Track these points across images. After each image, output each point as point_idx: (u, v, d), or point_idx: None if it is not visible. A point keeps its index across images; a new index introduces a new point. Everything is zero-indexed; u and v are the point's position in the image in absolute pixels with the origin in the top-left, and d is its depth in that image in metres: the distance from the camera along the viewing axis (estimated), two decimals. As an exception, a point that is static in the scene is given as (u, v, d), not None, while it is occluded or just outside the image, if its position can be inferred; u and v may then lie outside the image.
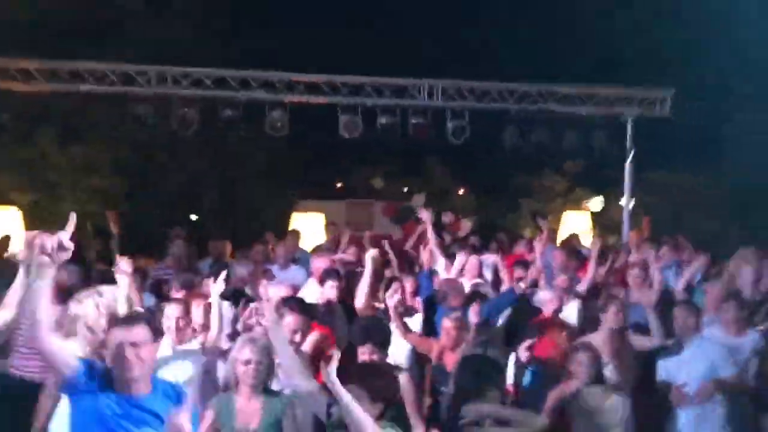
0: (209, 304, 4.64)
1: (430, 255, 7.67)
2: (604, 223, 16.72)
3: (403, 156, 19.50)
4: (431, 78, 10.52)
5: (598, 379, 4.39)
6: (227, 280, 4.99)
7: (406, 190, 19.47)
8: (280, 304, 4.56)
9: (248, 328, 4.72)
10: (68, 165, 13.93)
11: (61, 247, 2.65)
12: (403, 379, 4.22)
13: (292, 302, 4.71)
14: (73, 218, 2.82)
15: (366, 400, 3.27)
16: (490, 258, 8.07)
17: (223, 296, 4.88)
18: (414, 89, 10.50)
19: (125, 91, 9.81)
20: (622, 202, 12.04)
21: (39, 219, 13.02)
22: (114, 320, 3.23)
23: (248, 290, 6.28)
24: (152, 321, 3.18)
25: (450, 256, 7.59)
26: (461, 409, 3.76)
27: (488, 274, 7.78)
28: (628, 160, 11.40)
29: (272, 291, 5.45)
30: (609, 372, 4.86)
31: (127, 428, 2.90)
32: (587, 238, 11.70)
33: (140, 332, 2.95)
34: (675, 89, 11.17)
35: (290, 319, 4.45)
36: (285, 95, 10.14)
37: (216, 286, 4.65)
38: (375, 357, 4.22)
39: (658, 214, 14.81)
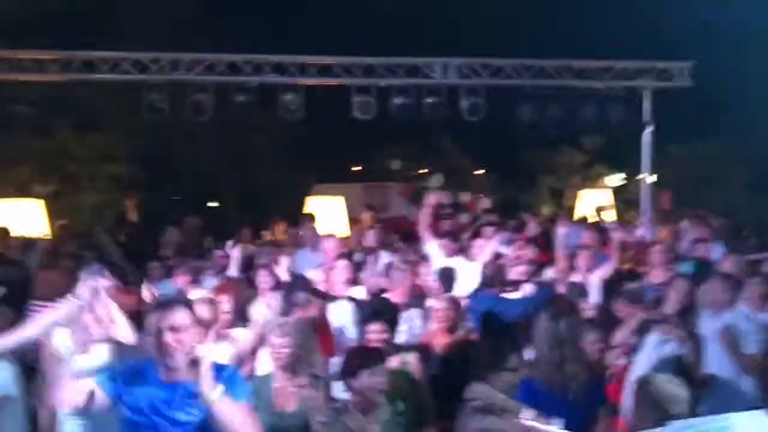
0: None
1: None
2: (624, 198, 16.55)
3: (419, 136, 19.41)
4: (444, 56, 10.43)
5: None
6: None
7: (422, 171, 19.41)
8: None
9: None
10: (86, 154, 14.05)
11: None
12: (413, 358, 4.28)
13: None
14: None
15: None
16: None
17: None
18: (427, 68, 10.42)
19: (139, 79, 9.84)
20: (642, 176, 11.92)
21: (60, 209, 13.17)
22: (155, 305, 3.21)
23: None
24: (192, 305, 3.12)
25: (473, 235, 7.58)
26: (468, 390, 3.71)
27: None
28: (646, 133, 11.26)
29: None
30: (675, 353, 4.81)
31: (171, 414, 2.87)
32: (608, 215, 11.61)
33: (180, 316, 2.90)
34: (694, 60, 11.00)
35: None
36: (298, 78, 10.12)
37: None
38: (385, 336, 4.27)
39: (680, 188, 14.66)
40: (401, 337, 4.89)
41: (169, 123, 13.03)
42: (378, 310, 4.45)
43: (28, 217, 10.43)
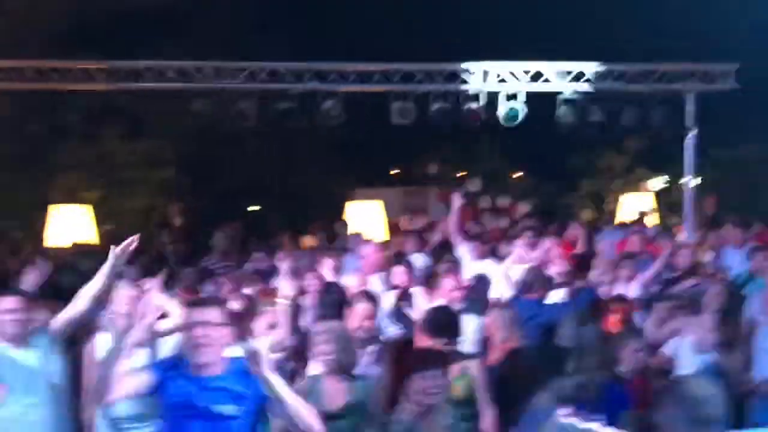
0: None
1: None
2: (666, 203, 16.30)
3: (457, 141, 19.40)
4: (483, 61, 10.43)
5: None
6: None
7: (460, 175, 19.38)
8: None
9: None
10: (132, 160, 14.39)
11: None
12: (474, 365, 4.32)
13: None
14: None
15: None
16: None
17: None
18: (466, 73, 10.44)
19: (184, 87, 10.05)
20: (685, 180, 11.74)
21: (107, 215, 13.51)
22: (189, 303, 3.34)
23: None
24: (225, 305, 3.26)
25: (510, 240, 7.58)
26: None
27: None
28: (689, 137, 11.10)
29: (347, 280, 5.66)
30: (714, 360, 4.78)
31: (203, 410, 2.98)
32: (650, 220, 11.48)
33: (213, 313, 3.01)
34: (739, 62, 10.80)
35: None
36: (338, 85, 10.23)
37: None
38: (447, 345, 4.33)
39: (725, 192, 14.38)
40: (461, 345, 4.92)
41: (211, 129, 13.29)
42: (440, 317, 4.52)
43: (76, 223, 10.74)
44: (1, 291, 4.09)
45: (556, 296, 6.23)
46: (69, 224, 10.70)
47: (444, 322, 4.46)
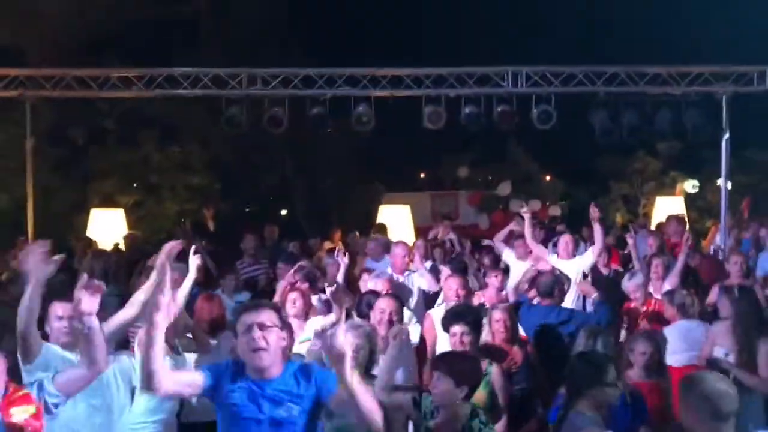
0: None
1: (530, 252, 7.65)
2: (700, 206, 16.12)
3: (488, 144, 19.36)
4: (515, 65, 10.43)
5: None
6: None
7: (491, 178, 19.33)
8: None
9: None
10: (167, 166, 14.64)
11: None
12: (495, 370, 4.34)
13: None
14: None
15: (451, 383, 3.46)
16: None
17: None
18: (498, 77, 10.44)
19: (218, 93, 10.21)
20: (719, 183, 11.60)
21: (141, 219, 13.78)
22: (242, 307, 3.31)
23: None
24: (280, 308, 3.25)
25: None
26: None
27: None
28: (724, 139, 10.97)
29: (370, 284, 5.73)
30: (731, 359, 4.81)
31: (261, 415, 2.97)
32: (683, 222, 11.37)
33: (268, 316, 2.99)
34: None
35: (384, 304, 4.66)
36: (369, 90, 10.30)
37: None
38: (466, 339, 4.35)
39: (758, 194, 14.16)
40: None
41: (244, 135, 13.47)
42: (461, 311, 4.56)
43: (110, 226, 10.99)
44: (53, 297, 4.07)
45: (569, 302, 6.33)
46: (104, 228, 10.97)
47: (464, 312, 4.53)
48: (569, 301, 6.41)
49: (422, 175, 21.79)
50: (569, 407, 3.54)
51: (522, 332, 5.38)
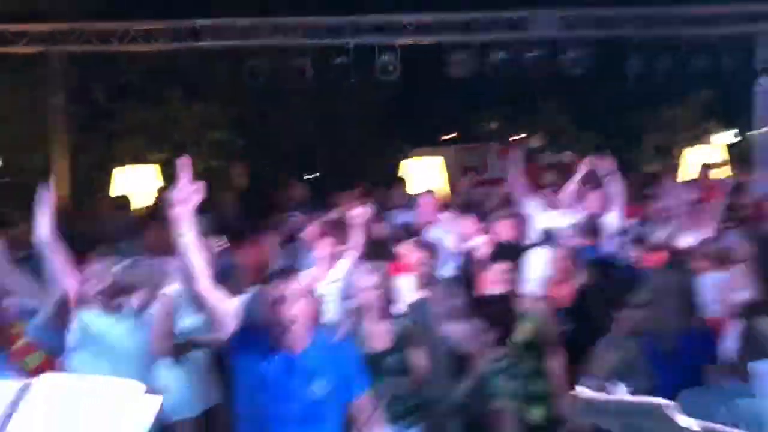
0: None
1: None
2: (736, 155, 15.64)
3: (518, 95, 18.95)
4: (547, 7, 10.07)
5: None
6: None
7: (521, 131, 18.98)
8: None
9: None
10: (192, 123, 14.56)
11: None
12: (541, 305, 4.23)
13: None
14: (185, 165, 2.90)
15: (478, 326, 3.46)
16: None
17: None
18: (529, 21, 10.09)
19: (241, 44, 10.03)
20: (754, 132, 11.22)
21: (170, 176, 13.74)
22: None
23: None
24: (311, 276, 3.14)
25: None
26: None
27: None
28: (760, 83, 10.55)
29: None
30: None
31: (288, 386, 2.87)
32: (718, 173, 11.02)
33: (297, 285, 2.90)
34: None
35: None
36: (394, 38, 10.04)
37: None
38: (507, 277, 4.23)
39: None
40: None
41: (267, 89, 13.31)
42: (503, 249, 4.43)
43: (144, 183, 10.95)
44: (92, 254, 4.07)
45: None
46: (137, 185, 10.92)
47: (505, 252, 4.40)
48: None
49: (448, 130, 21.48)
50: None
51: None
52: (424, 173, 11.21)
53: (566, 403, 4.07)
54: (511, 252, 4.45)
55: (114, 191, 10.81)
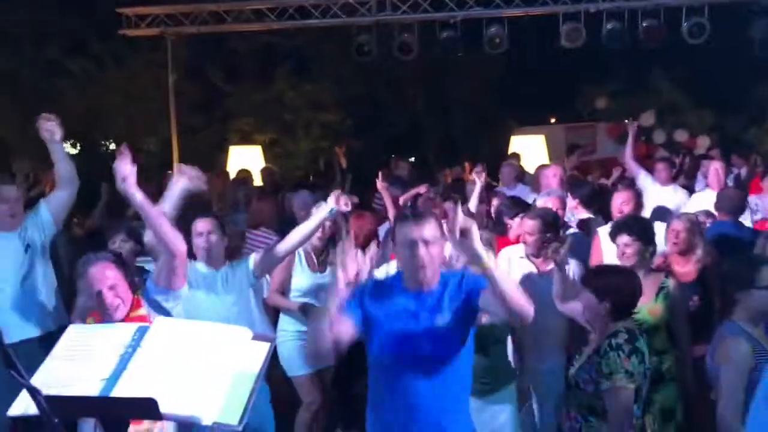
0: None
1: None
2: None
3: (629, 71, 18.18)
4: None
5: None
6: None
7: (631, 108, 18.18)
8: None
9: None
10: (300, 103, 14.87)
11: None
12: (672, 283, 4.03)
13: None
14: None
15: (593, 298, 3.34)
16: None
17: None
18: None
19: (346, 21, 10.10)
20: None
21: (278, 156, 14.11)
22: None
23: None
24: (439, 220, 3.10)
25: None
26: None
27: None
28: None
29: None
30: None
31: (416, 324, 2.88)
32: None
33: (429, 228, 2.87)
34: None
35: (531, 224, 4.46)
36: (502, 9, 9.84)
37: None
38: (629, 250, 4.05)
39: None
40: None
41: (374, 70, 13.38)
42: (626, 222, 4.27)
43: (248, 163, 11.29)
44: (196, 214, 4.18)
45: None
46: (244, 164, 11.27)
47: (631, 224, 4.23)
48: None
49: (556, 108, 20.89)
50: (723, 315, 3.21)
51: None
52: (528, 151, 10.98)
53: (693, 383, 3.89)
54: (633, 225, 4.26)
55: (230, 168, 11.21)
